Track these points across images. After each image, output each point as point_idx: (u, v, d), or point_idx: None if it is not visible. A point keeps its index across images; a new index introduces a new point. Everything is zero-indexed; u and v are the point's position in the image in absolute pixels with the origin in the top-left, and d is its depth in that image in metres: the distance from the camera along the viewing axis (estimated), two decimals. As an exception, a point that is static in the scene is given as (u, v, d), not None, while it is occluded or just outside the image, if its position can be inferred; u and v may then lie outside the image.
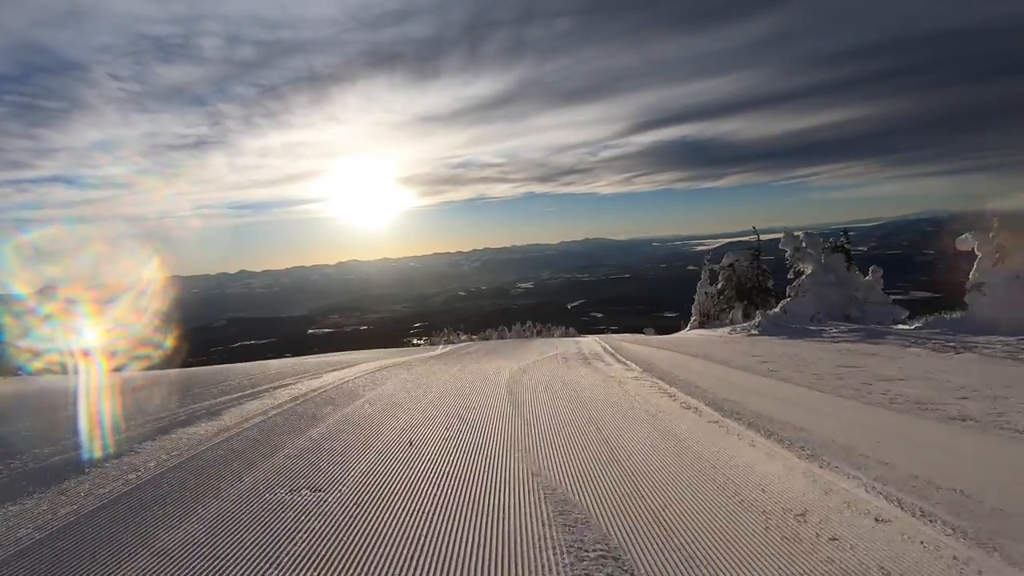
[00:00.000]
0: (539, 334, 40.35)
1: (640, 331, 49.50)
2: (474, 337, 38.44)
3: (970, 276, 13.05)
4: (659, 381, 7.55)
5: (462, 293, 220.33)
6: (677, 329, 47.41)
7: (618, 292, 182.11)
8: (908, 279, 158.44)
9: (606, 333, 48.49)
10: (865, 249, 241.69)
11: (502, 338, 38.05)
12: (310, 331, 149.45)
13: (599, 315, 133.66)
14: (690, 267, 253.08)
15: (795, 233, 19.54)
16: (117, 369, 13.98)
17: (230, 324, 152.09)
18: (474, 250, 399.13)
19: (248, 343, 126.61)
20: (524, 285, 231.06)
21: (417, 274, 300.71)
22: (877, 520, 2.85)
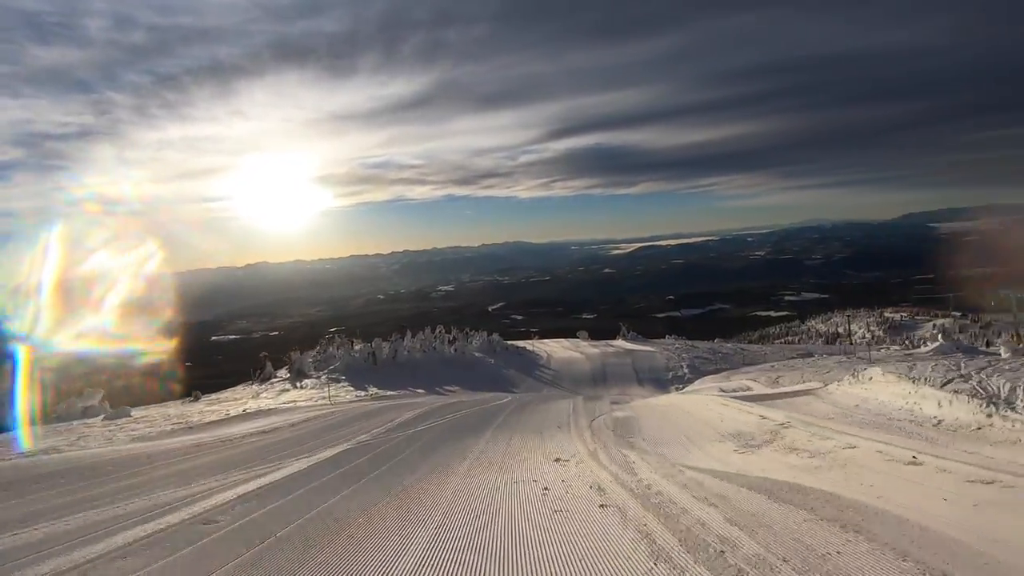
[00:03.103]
0: (452, 344, 31.26)
1: (572, 335, 41.66)
2: (357, 347, 27.83)
3: None
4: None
5: (381, 296, 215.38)
6: (608, 334, 39.50)
7: (538, 294, 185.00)
8: (799, 281, 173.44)
9: (532, 338, 43.35)
10: (763, 254, 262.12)
11: (375, 365, 26.29)
12: (214, 338, 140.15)
13: (519, 318, 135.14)
14: (607, 270, 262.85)
15: None
16: None
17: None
18: (393, 252, 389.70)
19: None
20: (445, 288, 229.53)
21: (333, 277, 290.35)
22: None
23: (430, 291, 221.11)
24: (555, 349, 36.24)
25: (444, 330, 32.24)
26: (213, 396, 21.47)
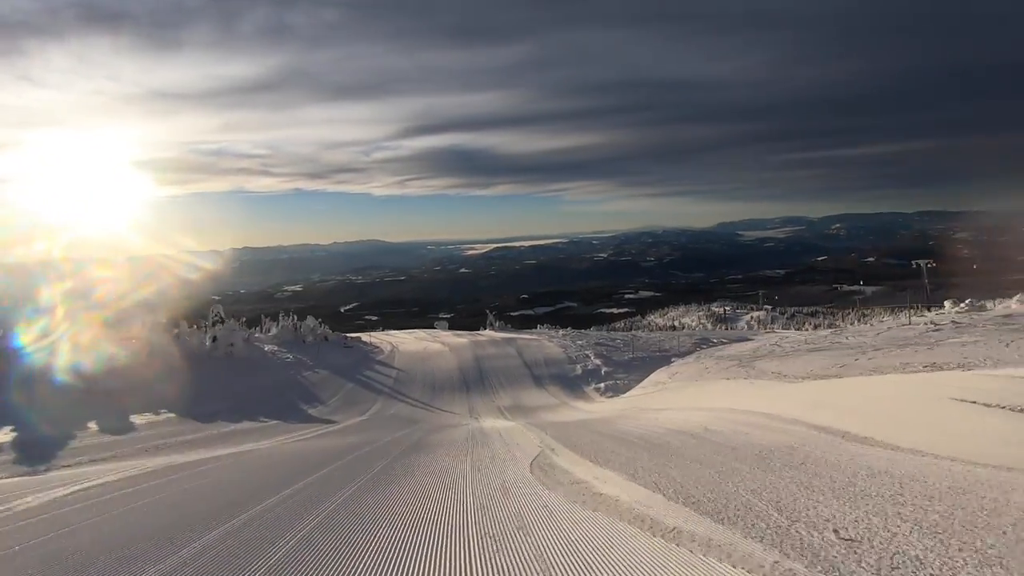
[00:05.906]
0: (211, 329, 20.43)
1: (430, 327, 39.23)
2: None
3: None
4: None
5: (216, 297, 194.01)
6: (468, 331, 38.46)
7: (393, 294, 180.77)
8: (637, 281, 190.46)
9: (379, 329, 41.45)
10: (605, 255, 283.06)
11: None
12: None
13: (374, 318, 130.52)
14: (462, 270, 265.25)
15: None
16: None
17: None
18: (232, 249, 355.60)
19: None
20: (292, 288, 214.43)
21: (158, 275, 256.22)
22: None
23: (275, 291, 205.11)
24: (404, 340, 28.02)
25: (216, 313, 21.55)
26: None
